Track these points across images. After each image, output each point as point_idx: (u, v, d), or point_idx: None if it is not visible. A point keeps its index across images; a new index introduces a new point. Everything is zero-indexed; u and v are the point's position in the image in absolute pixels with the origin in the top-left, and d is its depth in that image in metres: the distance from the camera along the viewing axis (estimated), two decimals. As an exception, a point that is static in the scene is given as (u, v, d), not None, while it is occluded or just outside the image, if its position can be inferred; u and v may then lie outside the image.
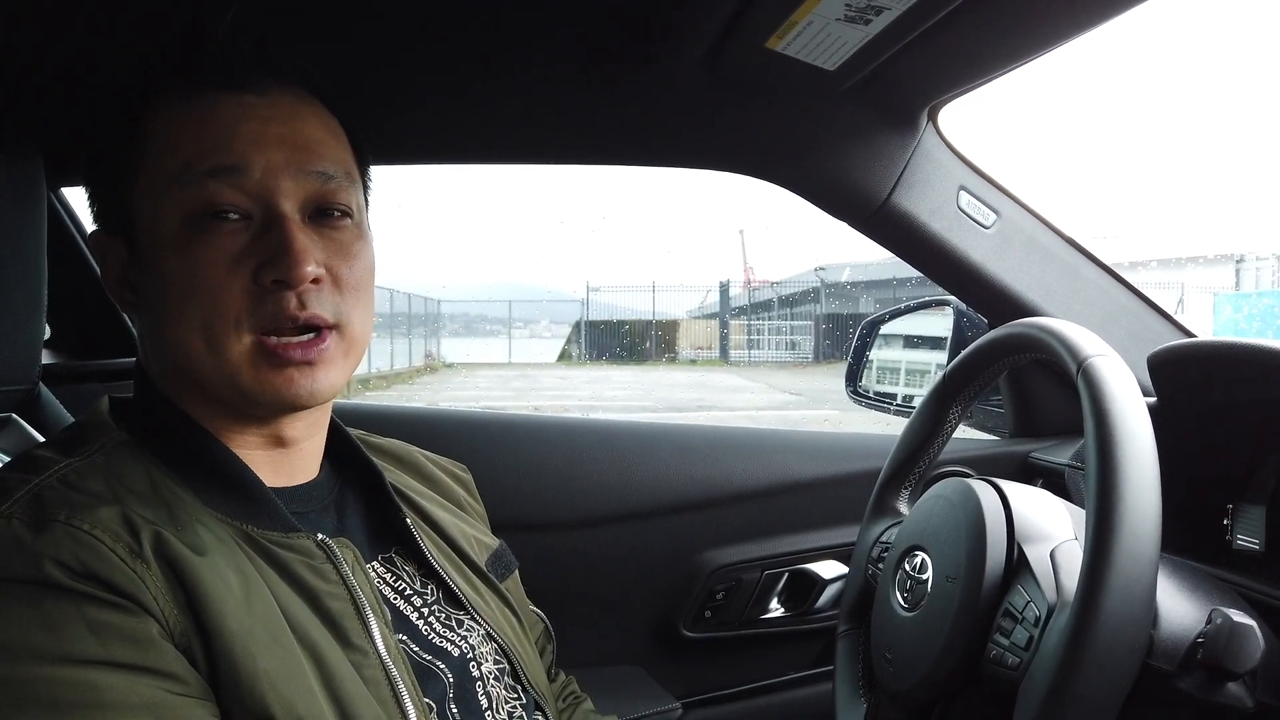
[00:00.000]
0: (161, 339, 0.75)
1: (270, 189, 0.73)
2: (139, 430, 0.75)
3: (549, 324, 23.50)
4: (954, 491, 0.92)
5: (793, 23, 0.97)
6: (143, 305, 0.76)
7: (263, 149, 0.73)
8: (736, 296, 21.75)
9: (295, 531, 0.75)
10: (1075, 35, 1.00)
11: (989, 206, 1.34)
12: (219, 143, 0.72)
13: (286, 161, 0.74)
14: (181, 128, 0.73)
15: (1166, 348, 1.07)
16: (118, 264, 0.77)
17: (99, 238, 0.78)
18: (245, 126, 0.73)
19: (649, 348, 20.79)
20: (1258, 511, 1.00)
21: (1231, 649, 0.71)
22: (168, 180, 0.72)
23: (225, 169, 0.72)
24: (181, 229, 0.71)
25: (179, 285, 0.71)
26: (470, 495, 1.02)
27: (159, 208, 0.72)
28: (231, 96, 0.74)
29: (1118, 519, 0.68)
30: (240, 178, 0.72)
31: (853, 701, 1.05)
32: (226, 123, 0.73)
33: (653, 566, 1.50)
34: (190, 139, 0.72)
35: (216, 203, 0.71)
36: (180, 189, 0.71)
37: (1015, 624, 0.79)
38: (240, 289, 0.71)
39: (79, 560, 0.62)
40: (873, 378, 1.76)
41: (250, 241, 0.72)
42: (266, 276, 0.71)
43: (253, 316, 0.71)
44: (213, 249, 0.71)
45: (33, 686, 0.59)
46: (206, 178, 0.71)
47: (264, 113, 0.74)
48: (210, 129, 0.72)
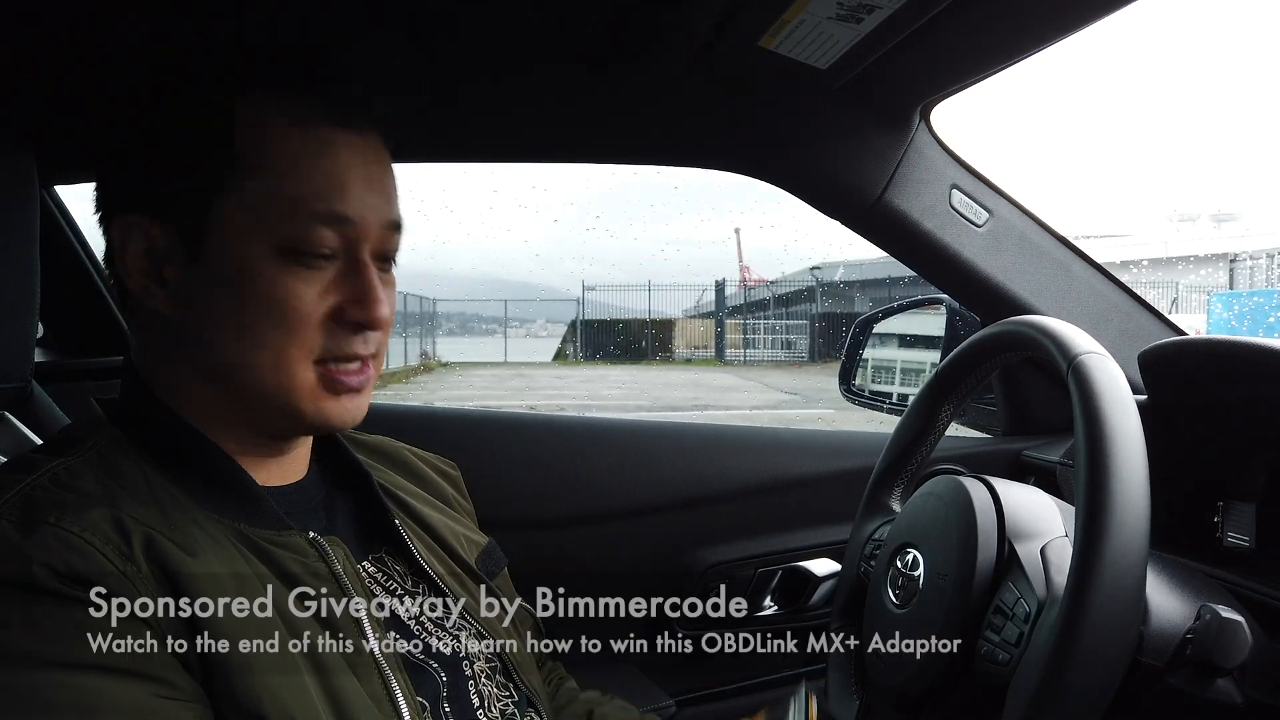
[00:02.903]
0: (210, 348, 0.73)
1: (362, 237, 0.75)
2: (131, 429, 0.75)
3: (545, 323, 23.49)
4: (945, 489, 0.93)
5: (785, 21, 0.98)
6: (181, 306, 0.74)
7: (365, 198, 0.74)
8: (732, 296, 21.75)
9: (287, 529, 0.75)
10: (1067, 34, 1.01)
11: (981, 205, 1.35)
12: (333, 188, 0.73)
13: (377, 212, 0.75)
14: (295, 160, 0.72)
15: (1157, 345, 1.08)
16: (152, 251, 0.74)
17: (130, 218, 0.74)
18: (355, 173, 0.74)
19: (645, 347, 20.78)
20: (1248, 509, 1.01)
21: (1220, 645, 0.71)
22: (274, 210, 0.72)
23: (337, 218, 0.73)
24: (274, 256, 0.72)
25: (261, 309, 0.71)
26: (458, 492, 1.02)
27: (254, 231, 0.71)
28: (340, 135, 0.74)
29: (1107, 516, 0.68)
30: (344, 225, 0.73)
31: (845, 698, 1.06)
32: (340, 167, 0.73)
33: (647, 564, 1.50)
34: (304, 176, 0.73)
35: (320, 246, 0.73)
36: (286, 223, 0.72)
37: (1006, 620, 0.79)
38: (318, 323, 0.73)
39: (67, 563, 0.61)
40: (867, 376, 1.76)
41: (334, 280, 0.74)
42: (348, 316, 0.74)
43: (323, 349, 0.73)
44: (305, 282, 0.72)
45: (21, 690, 0.59)
46: (316, 222, 0.72)
47: (366, 157, 0.75)
48: (324, 171, 0.73)
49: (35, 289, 1.07)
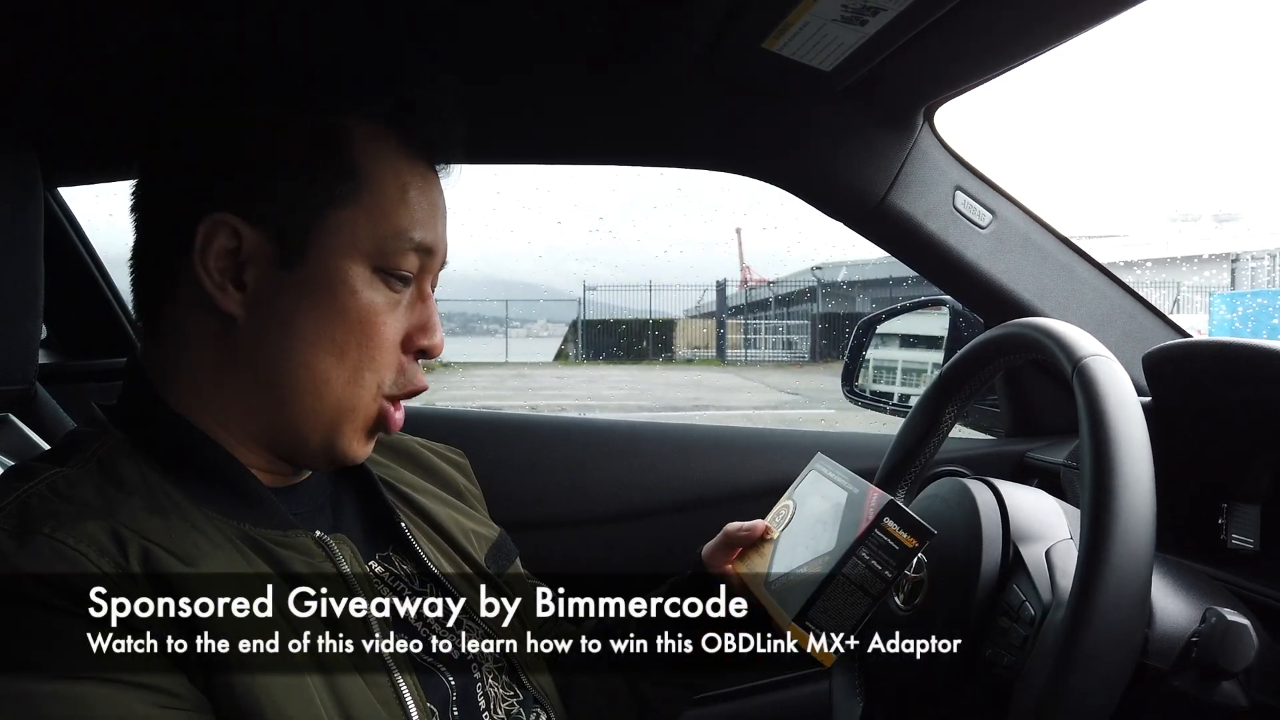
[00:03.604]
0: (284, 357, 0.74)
1: (433, 268, 0.80)
2: (134, 432, 0.74)
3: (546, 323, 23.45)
4: (950, 491, 0.93)
5: (788, 23, 0.98)
6: (260, 312, 0.74)
7: (442, 234, 0.80)
8: (734, 296, 21.72)
9: (293, 529, 0.75)
10: (1071, 36, 1.01)
11: (985, 207, 1.35)
12: (430, 221, 0.78)
13: (445, 248, 0.81)
14: (404, 190, 0.77)
15: (1162, 347, 1.08)
16: (237, 253, 0.74)
17: (228, 220, 0.73)
18: (440, 207, 0.80)
19: (646, 347, 20.77)
20: (1253, 510, 1.00)
21: (1225, 648, 0.71)
22: (378, 232, 0.75)
23: (428, 249, 0.78)
24: (368, 274, 0.75)
25: (348, 321, 0.74)
26: (469, 480, 1.01)
27: (357, 249, 0.74)
28: (434, 175, 0.80)
29: (1112, 518, 0.68)
30: (428, 257, 0.78)
31: (849, 700, 1.06)
32: (435, 202, 0.79)
33: (647, 564, 1.50)
34: (410, 207, 0.77)
35: (410, 271, 0.77)
36: (387, 247, 0.75)
37: (1011, 623, 0.79)
38: (395, 345, 0.77)
39: (60, 576, 0.61)
40: (869, 377, 1.76)
41: (406, 306, 0.78)
42: (415, 343, 0.78)
43: (393, 384, 0.77)
44: (390, 304, 0.76)
45: (20, 701, 0.58)
46: (413, 250, 0.76)
47: (442, 196, 0.81)
48: (425, 205, 0.78)
49: (39, 291, 1.07)
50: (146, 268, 0.78)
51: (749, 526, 0.92)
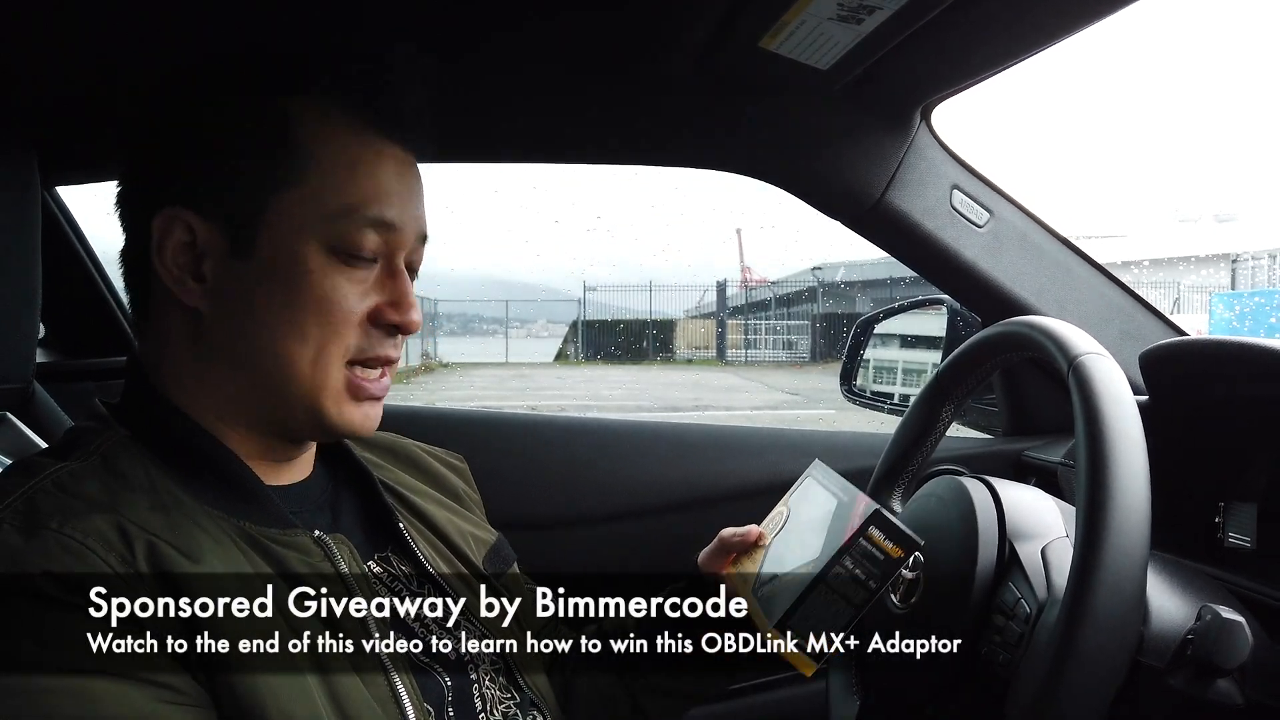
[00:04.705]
0: (247, 344, 0.74)
1: (401, 244, 0.78)
2: (136, 428, 0.75)
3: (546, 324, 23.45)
4: (946, 489, 0.93)
5: (785, 22, 0.98)
6: (220, 302, 0.74)
7: (408, 208, 0.78)
8: (734, 296, 21.72)
9: (292, 527, 0.75)
10: (1068, 34, 1.01)
11: (982, 205, 1.35)
12: (385, 197, 0.76)
13: (416, 224, 0.79)
14: (352, 167, 0.75)
15: (1158, 346, 1.08)
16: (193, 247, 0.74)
17: (171, 212, 0.74)
18: (401, 184, 0.78)
19: (646, 347, 20.77)
20: (1249, 509, 1.01)
21: (1220, 645, 0.71)
22: (327, 210, 0.74)
23: (385, 224, 0.76)
24: (324, 254, 0.74)
25: (307, 303, 0.73)
26: (468, 485, 1.02)
27: (307, 228, 0.74)
28: (388, 147, 0.78)
29: (1107, 516, 0.68)
30: (389, 231, 0.76)
31: (846, 699, 1.06)
32: (392, 177, 0.77)
33: (647, 564, 1.50)
34: (360, 183, 0.75)
35: (367, 248, 0.75)
36: (338, 224, 0.74)
37: (1007, 621, 0.79)
38: (358, 322, 0.75)
39: (70, 570, 0.62)
40: (868, 377, 1.76)
41: (374, 282, 0.76)
42: (385, 318, 0.77)
43: (357, 350, 0.76)
44: (350, 281, 0.75)
45: (27, 697, 0.59)
46: (367, 226, 0.75)
47: (410, 172, 0.79)
48: (379, 180, 0.76)
49: (37, 290, 1.07)
50: (127, 267, 0.80)
51: (743, 532, 0.91)
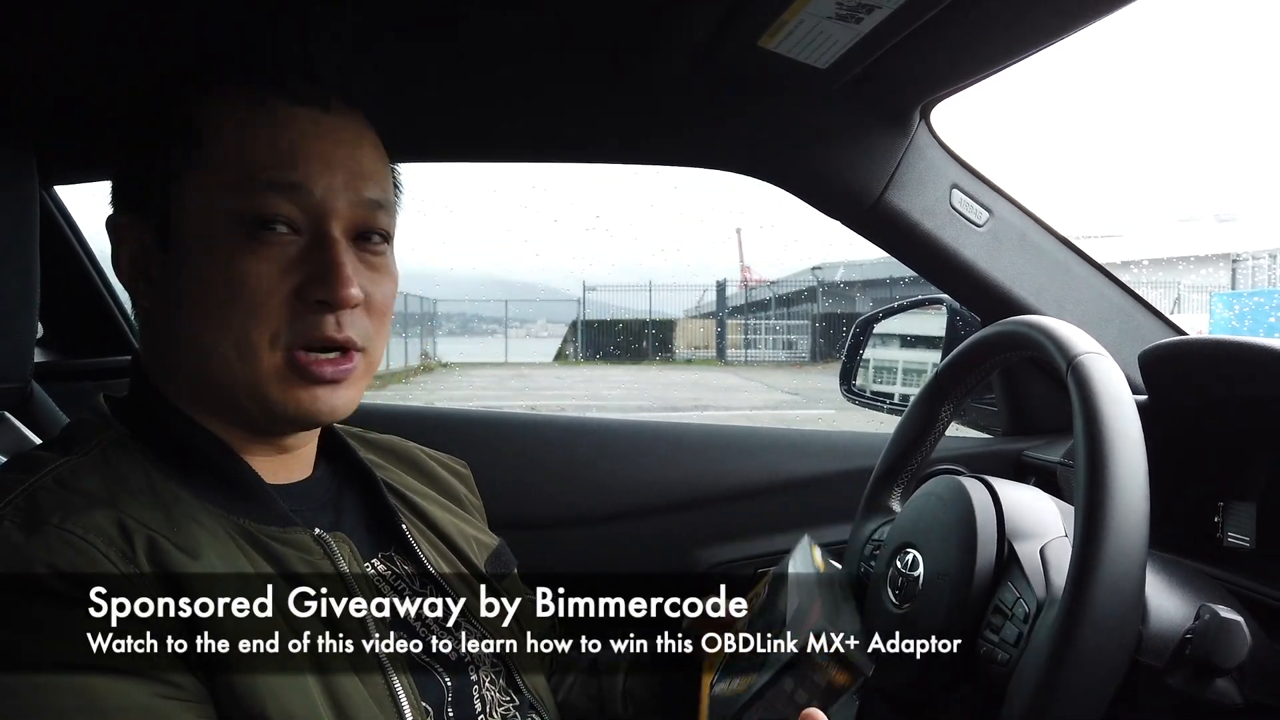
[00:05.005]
0: (182, 338, 0.73)
1: (326, 210, 0.73)
2: (136, 426, 0.75)
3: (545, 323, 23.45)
4: (945, 489, 0.93)
5: (784, 21, 0.98)
6: (160, 299, 0.75)
7: (326, 170, 0.73)
8: (733, 296, 21.71)
9: (292, 526, 0.75)
10: (1067, 33, 1.01)
11: (981, 205, 1.35)
12: (286, 157, 0.72)
13: (345, 185, 0.74)
14: (247, 135, 0.72)
15: (1157, 345, 1.08)
16: (138, 250, 0.75)
17: (119, 221, 0.76)
18: (313, 145, 0.73)
19: (645, 347, 20.76)
20: (1248, 508, 1.00)
21: (1219, 645, 0.71)
22: (226, 184, 0.71)
23: (290, 185, 0.72)
24: (231, 233, 0.71)
25: (219, 289, 0.71)
26: (469, 491, 1.02)
27: (210, 209, 0.71)
28: (300, 110, 0.74)
29: (1106, 516, 0.68)
30: (301, 195, 0.72)
31: (845, 699, 1.06)
32: (294, 138, 0.73)
33: (646, 564, 1.50)
34: (257, 148, 0.72)
35: (273, 214, 0.71)
36: (238, 195, 0.71)
37: (1005, 620, 0.79)
38: (281, 302, 0.71)
39: (71, 565, 0.62)
40: (868, 377, 1.76)
41: (297, 257, 0.72)
42: (311, 294, 0.72)
43: (289, 332, 0.72)
44: (262, 259, 0.71)
45: (27, 693, 0.59)
46: (268, 190, 0.71)
47: (330, 133, 0.75)
48: (278, 142, 0.73)
49: (35, 289, 1.07)
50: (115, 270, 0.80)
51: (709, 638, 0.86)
